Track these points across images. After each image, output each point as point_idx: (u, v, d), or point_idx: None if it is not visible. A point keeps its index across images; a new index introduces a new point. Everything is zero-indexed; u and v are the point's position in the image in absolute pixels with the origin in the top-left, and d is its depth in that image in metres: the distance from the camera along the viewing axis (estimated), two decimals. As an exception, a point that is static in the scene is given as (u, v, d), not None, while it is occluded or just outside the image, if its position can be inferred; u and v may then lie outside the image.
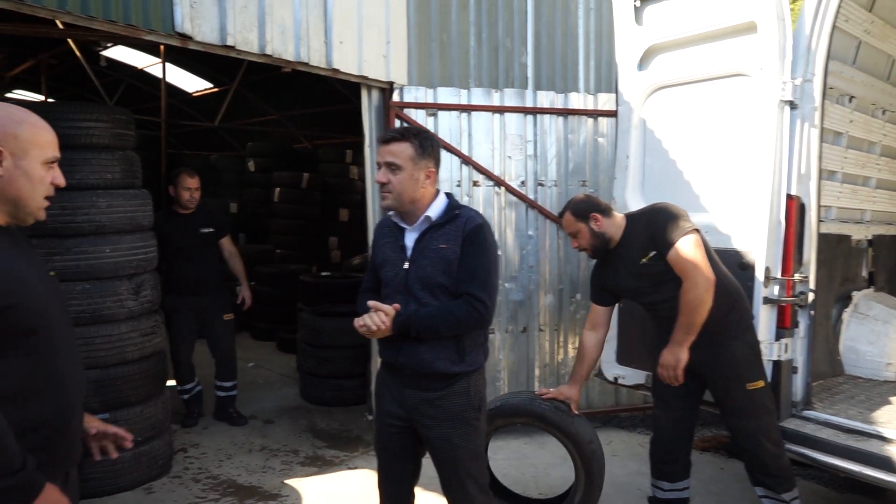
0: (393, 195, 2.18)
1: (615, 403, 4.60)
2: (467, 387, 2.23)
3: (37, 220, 1.55)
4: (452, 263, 2.16)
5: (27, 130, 1.48)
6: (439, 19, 4.19)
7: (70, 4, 2.45)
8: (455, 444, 2.21)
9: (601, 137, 4.41)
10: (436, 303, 2.17)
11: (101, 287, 3.34)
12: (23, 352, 1.43)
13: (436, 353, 2.17)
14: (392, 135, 2.21)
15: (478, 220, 2.23)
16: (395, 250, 2.25)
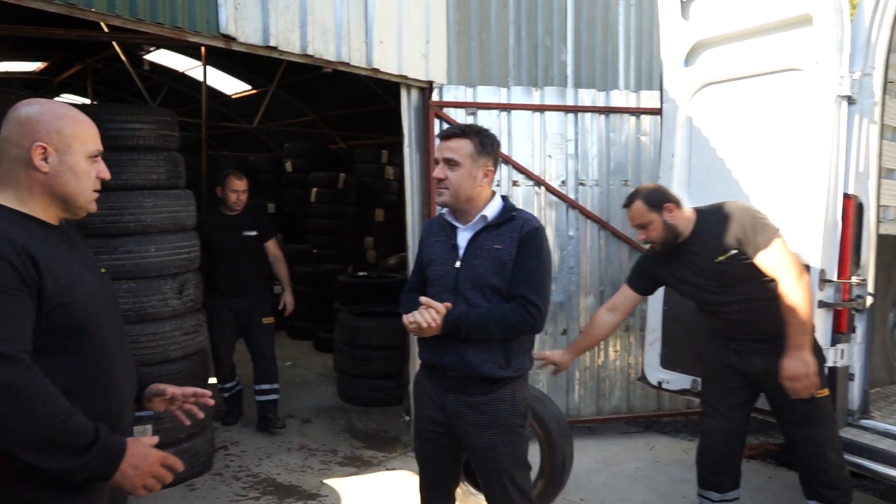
0: (450, 192, 2.14)
1: (657, 408, 4.49)
2: (513, 392, 2.18)
3: (88, 212, 1.56)
4: (506, 265, 2.12)
5: (69, 125, 1.48)
6: (479, 17, 4.16)
7: (119, 7, 2.49)
8: (500, 451, 2.16)
9: (644, 136, 4.31)
10: (485, 303, 2.13)
11: (145, 286, 3.39)
12: (74, 350, 1.43)
13: (482, 356, 2.12)
14: (452, 131, 2.18)
15: (535, 222, 2.18)
16: (447, 248, 2.22)
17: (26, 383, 1.25)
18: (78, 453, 1.31)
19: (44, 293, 1.35)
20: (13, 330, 1.28)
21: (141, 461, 1.40)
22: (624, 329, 4.36)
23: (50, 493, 1.39)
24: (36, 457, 1.28)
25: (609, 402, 4.41)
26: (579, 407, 4.36)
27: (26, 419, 1.25)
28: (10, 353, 1.25)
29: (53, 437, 1.28)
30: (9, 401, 1.24)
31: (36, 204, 1.47)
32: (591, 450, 4.17)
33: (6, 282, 1.29)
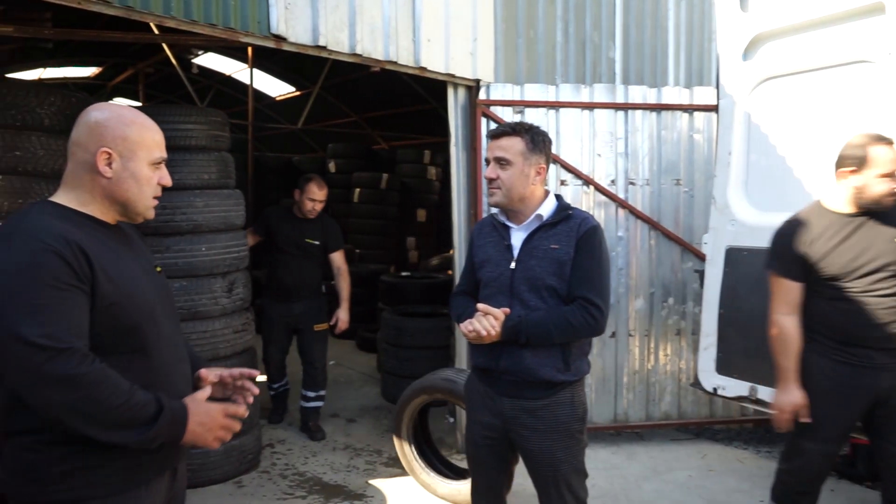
0: (502, 191, 2.11)
1: (709, 414, 4.35)
2: (571, 397, 2.12)
3: (146, 219, 1.57)
4: (564, 265, 2.07)
5: (136, 132, 1.49)
6: (526, 14, 4.10)
7: (174, 9, 2.52)
8: (557, 457, 2.10)
9: (697, 133, 4.18)
10: (542, 305, 2.07)
11: (196, 284, 3.44)
12: (128, 349, 1.44)
13: (540, 359, 2.07)
14: (503, 129, 2.14)
15: (592, 221, 2.13)
16: (500, 250, 2.17)
17: (85, 372, 1.28)
18: (147, 425, 1.36)
19: (97, 291, 1.37)
20: (66, 322, 1.30)
21: (205, 417, 1.46)
22: (675, 332, 4.23)
23: (105, 488, 1.41)
24: (109, 436, 1.34)
25: (659, 407, 4.29)
26: (627, 412, 4.25)
27: (92, 405, 1.30)
28: (64, 346, 1.27)
29: (120, 416, 1.33)
30: (72, 391, 1.27)
31: (96, 206, 1.49)
32: (641, 456, 4.06)
33: (59, 276, 1.31)
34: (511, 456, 2.27)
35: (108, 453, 1.40)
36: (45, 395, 1.27)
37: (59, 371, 1.25)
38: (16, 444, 1.40)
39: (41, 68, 9.61)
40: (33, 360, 1.24)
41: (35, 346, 1.24)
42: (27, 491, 1.38)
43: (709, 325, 3.48)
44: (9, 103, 3.00)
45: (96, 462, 1.39)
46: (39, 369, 1.25)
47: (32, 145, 3.05)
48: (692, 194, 4.18)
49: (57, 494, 1.37)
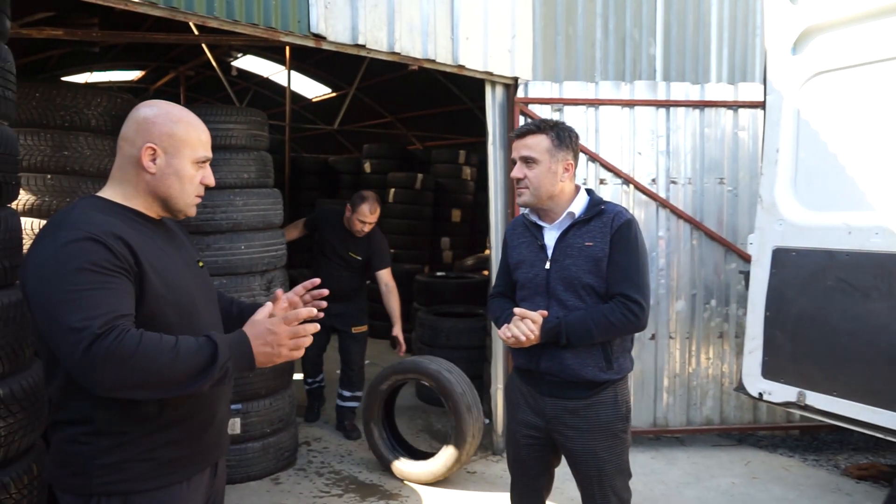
0: (530, 190, 2.08)
1: (753, 420, 4.21)
2: (614, 395, 2.08)
3: (187, 216, 1.57)
4: (600, 262, 2.02)
5: (182, 129, 1.49)
6: (565, 11, 4.05)
7: (217, 10, 2.55)
8: (601, 457, 2.06)
9: (741, 131, 4.06)
10: (580, 304, 2.03)
11: (236, 282, 3.48)
12: None
13: (582, 359, 2.03)
14: (527, 128, 2.11)
15: (626, 215, 2.08)
16: (534, 250, 2.14)
17: (124, 346, 1.26)
18: (209, 367, 1.31)
19: (144, 282, 1.38)
20: (106, 305, 1.29)
21: (269, 337, 1.38)
22: (718, 335, 4.12)
23: (148, 482, 1.42)
24: (177, 390, 1.32)
25: (700, 411, 4.17)
26: (667, 416, 4.15)
27: (144, 373, 1.27)
28: (102, 330, 1.26)
29: (177, 370, 1.29)
30: (119, 367, 1.25)
31: (140, 200, 1.50)
32: (682, 462, 3.96)
33: (99, 262, 1.31)
34: (553, 457, 2.23)
35: (152, 448, 1.41)
36: (95, 377, 1.27)
37: (99, 352, 1.25)
38: (63, 436, 1.42)
39: (87, 72, 9.90)
40: (77, 346, 1.25)
41: (77, 332, 1.25)
42: (73, 482, 1.40)
43: (754, 327, 3.37)
44: (58, 105, 3.08)
45: (140, 456, 1.41)
46: (84, 354, 1.25)
47: (80, 145, 3.13)
48: (736, 193, 4.06)
49: (101, 487, 1.38)
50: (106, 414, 1.37)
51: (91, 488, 1.38)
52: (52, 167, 3.10)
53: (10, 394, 1.86)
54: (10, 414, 1.85)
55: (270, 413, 3.63)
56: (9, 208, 1.99)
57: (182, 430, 1.47)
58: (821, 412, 2.92)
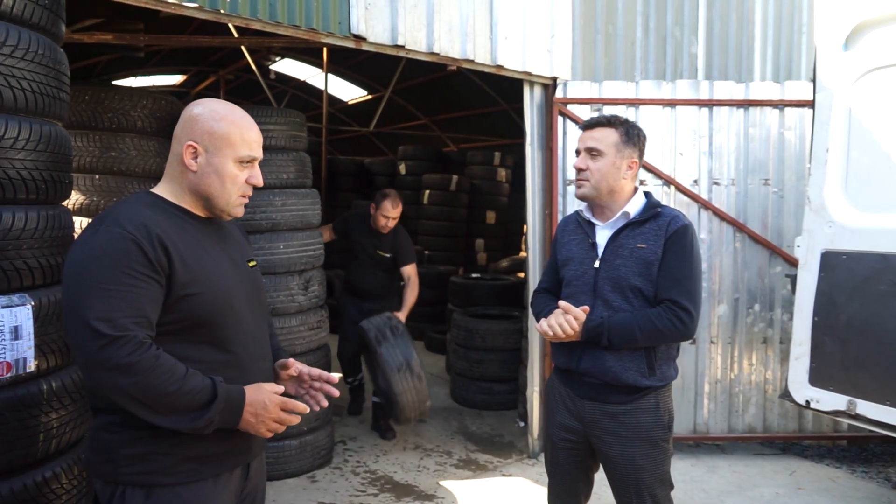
0: (591, 183, 2.04)
1: (798, 429, 4.08)
2: (656, 403, 2.02)
3: (231, 217, 1.55)
4: (651, 265, 1.98)
5: (224, 127, 1.47)
6: (605, 10, 4.00)
7: (260, 12, 2.59)
8: (640, 465, 2.00)
9: (788, 130, 3.94)
10: (626, 306, 1.98)
11: (274, 282, 3.52)
12: (203, 339, 1.45)
13: (624, 362, 1.98)
14: (597, 120, 2.08)
15: (683, 220, 2.03)
16: (584, 248, 2.10)
17: (136, 361, 1.28)
18: (200, 411, 1.35)
19: (173, 281, 1.38)
20: (130, 309, 1.31)
21: (260, 409, 1.43)
22: (761, 341, 4.01)
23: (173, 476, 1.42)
24: (163, 420, 1.34)
25: (742, 419, 4.06)
26: (708, 423, 4.05)
27: (144, 391, 1.30)
28: (120, 334, 1.28)
29: (173, 402, 1.32)
30: (123, 377, 1.28)
31: (187, 198, 1.51)
32: (723, 470, 3.86)
33: (132, 264, 1.33)
34: (591, 461, 2.19)
35: (178, 442, 1.41)
36: (98, 378, 1.30)
37: (112, 359, 1.26)
38: (97, 423, 1.45)
39: (132, 77, 10.19)
40: (90, 344, 1.27)
41: (93, 331, 1.26)
42: (102, 469, 1.42)
43: (801, 333, 3.27)
44: (106, 107, 3.17)
45: (166, 449, 1.41)
46: (94, 355, 1.27)
47: (126, 146, 3.21)
48: (782, 195, 3.95)
49: (127, 477, 1.39)
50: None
51: (117, 477, 1.40)
52: (100, 168, 3.19)
53: (61, 387, 1.91)
54: (61, 406, 1.90)
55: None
56: (62, 206, 2.04)
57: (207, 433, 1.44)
58: (873, 422, 2.82)
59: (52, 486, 1.87)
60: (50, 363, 1.87)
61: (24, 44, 1.77)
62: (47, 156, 1.87)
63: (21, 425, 1.78)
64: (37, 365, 1.82)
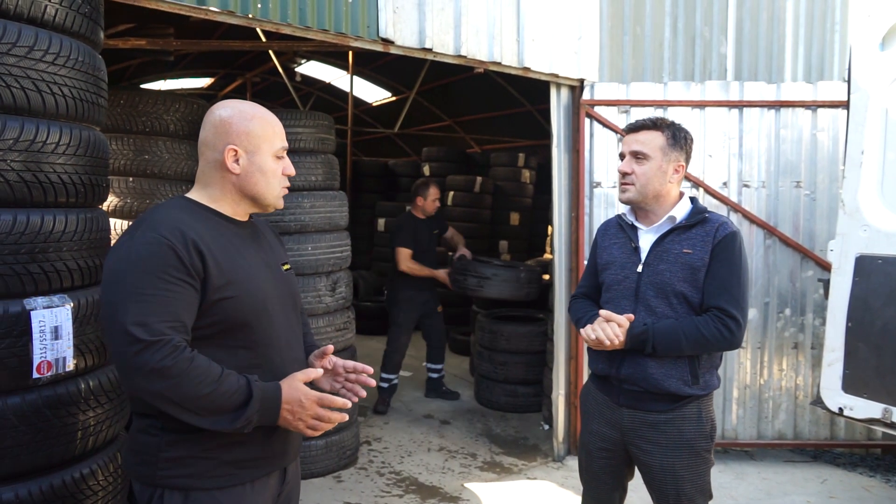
0: (636, 187, 2.00)
1: (830, 437, 4.00)
2: (698, 412, 1.97)
3: (276, 209, 1.59)
4: (697, 272, 1.94)
5: (258, 126, 1.51)
6: (633, 10, 3.97)
7: (290, 17, 2.62)
8: (680, 475, 1.96)
9: (820, 132, 3.87)
10: (670, 312, 1.95)
11: (302, 283, 3.55)
12: (238, 343, 1.46)
13: (666, 369, 1.94)
14: (643, 123, 2.05)
15: (731, 226, 1.99)
16: (626, 251, 2.06)
17: (171, 364, 1.29)
18: (238, 411, 1.36)
19: (208, 285, 1.39)
20: (166, 314, 1.32)
21: (297, 406, 1.42)
22: (792, 346, 3.94)
23: (210, 480, 1.44)
24: (200, 421, 1.35)
25: (772, 425, 4.00)
26: (736, 428, 3.99)
27: (180, 394, 1.32)
28: (156, 339, 1.29)
29: (210, 404, 1.34)
30: (160, 381, 1.30)
31: (226, 201, 1.53)
32: (752, 477, 3.80)
33: (168, 269, 1.34)
34: (627, 470, 2.15)
35: (217, 446, 1.42)
36: (135, 382, 1.31)
37: (147, 363, 1.28)
38: (136, 426, 1.46)
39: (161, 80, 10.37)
40: (127, 349, 1.29)
41: (130, 336, 1.28)
42: (141, 471, 1.44)
43: (834, 339, 3.20)
44: (140, 111, 3.23)
45: (205, 453, 1.42)
46: (131, 359, 1.29)
47: (159, 149, 3.27)
48: (814, 197, 3.88)
49: (166, 479, 1.41)
50: None
51: (156, 480, 1.41)
52: (133, 170, 3.25)
53: (98, 386, 1.95)
54: (98, 405, 1.94)
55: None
56: (99, 209, 2.09)
57: (241, 434, 1.44)
58: None
59: (90, 482, 1.91)
60: (88, 362, 1.92)
61: (66, 52, 1.82)
62: (86, 160, 1.92)
63: (60, 423, 1.83)
64: (75, 364, 1.87)
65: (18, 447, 1.74)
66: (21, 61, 1.72)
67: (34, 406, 1.77)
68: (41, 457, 1.79)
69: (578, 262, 3.84)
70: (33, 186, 1.77)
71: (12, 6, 1.73)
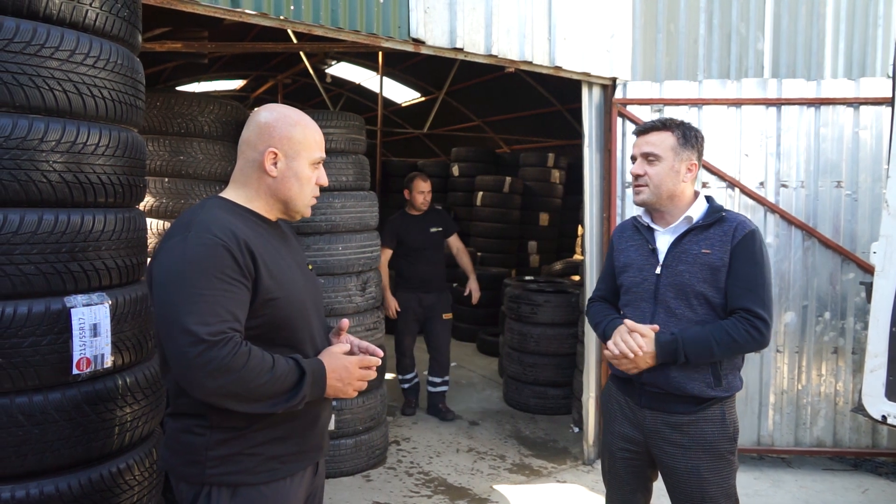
0: (649, 189, 1.99)
1: (871, 445, 3.88)
2: (722, 414, 1.95)
3: (304, 217, 1.61)
4: (717, 272, 1.91)
5: (300, 132, 1.53)
6: (667, 7, 3.90)
7: (323, 19, 2.64)
8: (705, 478, 1.93)
9: (863, 130, 3.75)
10: (690, 314, 1.92)
11: (333, 282, 3.58)
12: (280, 343, 1.49)
13: (688, 372, 1.92)
14: (652, 124, 2.03)
15: (750, 224, 1.96)
16: (644, 253, 2.04)
17: (233, 359, 1.33)
18: (294, 391, 1.42)
19: (259, 286, 1.42)
20: (225, 313, 1.35)
21: (343, 372, 1.51)
22: (832, 351, 3.83)
23: (257, 476, 1.46)
24: (258, 407, 1.40)
25: (810, 432, 3.89)
26: (773, 435, 3.89)
27: (241, 386, 1.36)
28: (218, 339, 1.33)
29: (268, 389, 1.39)
30: (222, 376, 1.33)
31: (261, 202, 1.55)
32: (789, 485, 3.70)
33: (225, 269, 1.37)
34: (651, 472, 2.13)
35: (262, 442, 1.46)
36: (197, 380, 1.33)
37: (212, 362, 1.31)
38: (179, 426, 1.48)
39: (195, 82, 10.57)
40: (190, 349, 1.31)
41: (193, 336, 1.31)
42: (188, 471, 1.46)
43: (877, 344, 3.10)
44: (175, 113, 3.29)
45: (251, 450, 1.45)
46: (195, 358, 1.31)
47: (194, 150, 3.33)
48: (855, 197, 3.76)
49: (213, 477, 1.44)
50: (218, 408, 1.42)
51: (203, 478, 1.44)
52: (169, 171, 3.31)
53: (134, 382, 1.99)
54: (134, 401, 1.98)
55: (363, 411, 3.71)
56: (136, 209, 2.13)
57: (287, 429, 1.50)
58: None
59: (126, 477, 1.94)
60: (125, 359, 1.95)
61: (106, 55, 1.86)
62: (124, 161, 1.95)
63: (99, 418, 1.86)
64: (113, 361, 1.90)
65: (59, 441, 1.78)
66: (63, 65, 1.75)
67: (74, 401, 1.80)
68: (80, 451, 1.83)
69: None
70: (74, 187, 1.81)
71: (55, 11, 1.77)
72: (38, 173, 1.73)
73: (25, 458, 1.73)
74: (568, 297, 4.92)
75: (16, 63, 1.68)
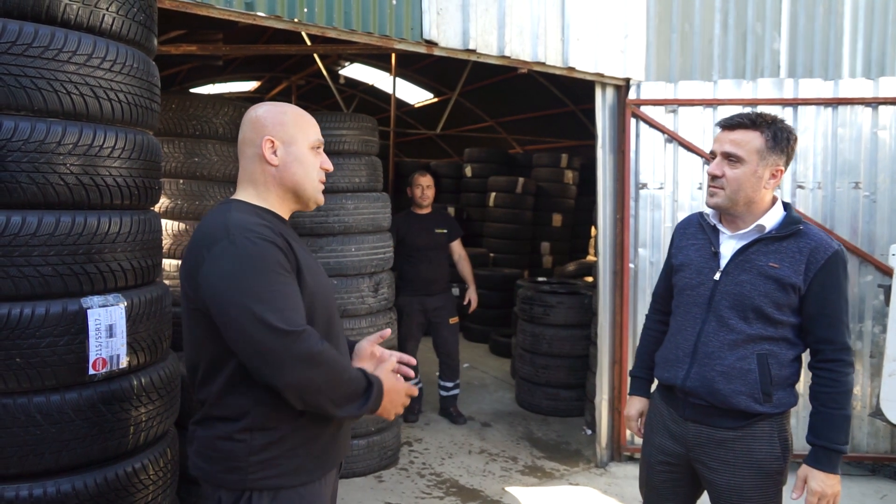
0: (726, 192, 1.80)
1: (890, 450, 3.82)
2: (771, 431, 1.82)
3: (317, 204, 1.60)
4: (785, 290, 1.76)
5: (290, 118, 1.54)
6: (681, 7, 3.87)
7: (336, 20, 2.65)
8: (748, 496, 1.82)
9: (882, 130, 3.70)
10: (744, 326, 1.79)
11: (346, 283, 3.59)
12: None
13: (733, 385, 1.79)
14: (740, 120, 1.82)
15: (833, 244, 1.79)
16: (705, 255, 1.90)
17: (322, 349, 1.35)
18: (364, 397, 1.43)
19: (302, 282, 1.44)
20: (296, 305, 1.37)
21: (395, 395, 1.53)
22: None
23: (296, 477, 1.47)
24: (335, 409, 1.40)
25: (827, 436, 3.83)
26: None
27: (330, 381, 1.37)
28: (301, 329, 1.34)
29: (347, 390, 1.41)
30: (316, 368, 1.34)
31: (272, 198, 1.54)
32: (805, 489, 3.65)
33: (275, 265, 1.38)
34: (692, 490, 2.01)
35: (301, 444, 1.46)
36: (294, 374, 1.32)
37: (306, 350, 1.32)
38: (215, 433, 1.45)
39: (210, 84, 10.66)
40: (278, 344, 1.31)
41: (278, 330, 1.31)
42: (228, 478, 1.44)
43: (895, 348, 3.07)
44: (190, 114, 3.31)
45: (289, 452, 1.45)
46: (288, 351, 1.31)
47: (209, 152, 3.35)
48: (874, 199, 3.71)
49: (255, 482, 1.42)
50: (262, 409, 1.42)
51: (245, 484, 1.42)
52: (184, 172, 3.34)
53: (149, 382, 2.01)
54: (150, 401, 2.00)
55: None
56: (152, 211, 2.15)
57: (319, 429, 1.50)
58: None
59: (140, 476, 1.96)
60: (140, 360, 1.97)
61: (122, 59, 1.88)
62: (140, 163, 1.97)
63: (114, 418, 1.88)
64: (128, 361, 1.92)
65: (75, 440, 1.80)
66: (80, 69, 1.78)
67: (90, 401, 1.83)
68: (96, 450, 1.85)
69: (623, 264, 3.77)
70: (90, 189, 1.83)
71: (72, 16, 1.79)
72: (55, 176, 1.76)
73: (43, 456, 1.75)
74: (581, 298, 4.89)
75: (34, 67, 1.70)
